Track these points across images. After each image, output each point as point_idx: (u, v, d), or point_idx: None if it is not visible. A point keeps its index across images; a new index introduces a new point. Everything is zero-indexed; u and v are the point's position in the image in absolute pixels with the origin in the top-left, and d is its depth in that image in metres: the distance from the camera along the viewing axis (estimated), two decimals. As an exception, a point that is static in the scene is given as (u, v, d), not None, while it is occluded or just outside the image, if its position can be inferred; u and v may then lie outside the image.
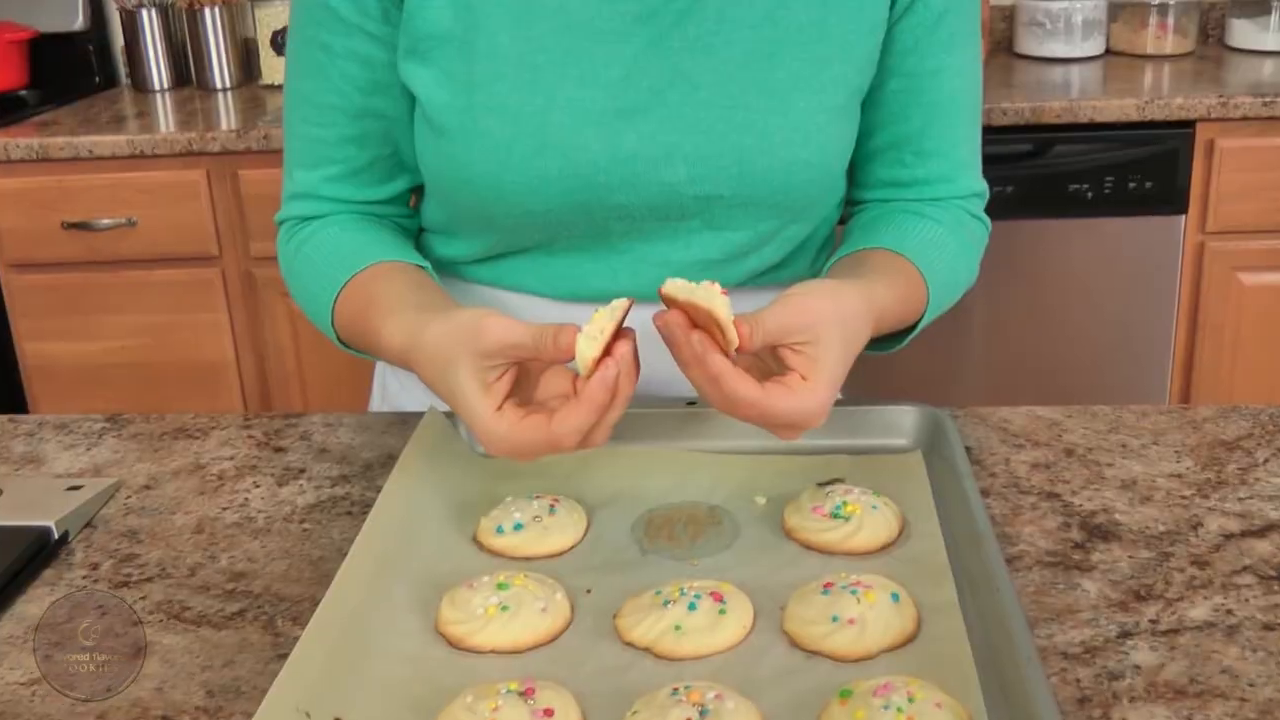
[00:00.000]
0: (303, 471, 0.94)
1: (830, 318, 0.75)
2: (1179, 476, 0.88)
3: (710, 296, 0.71)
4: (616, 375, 0.71)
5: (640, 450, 0.90)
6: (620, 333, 0.73)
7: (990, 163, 1.04)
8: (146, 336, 2.22)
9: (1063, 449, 0.93)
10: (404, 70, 0.91)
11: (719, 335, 0.72)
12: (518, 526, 0.81)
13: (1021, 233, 2.09)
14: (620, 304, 0.73)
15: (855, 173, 1.00)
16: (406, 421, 0.98)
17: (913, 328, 0.93)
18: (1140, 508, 0.84)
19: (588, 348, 0.71)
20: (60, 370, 2.26)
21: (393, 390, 1.09)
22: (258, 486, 0.92)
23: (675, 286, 0.73)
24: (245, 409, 2.27)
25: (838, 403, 0.95)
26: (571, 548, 0.82)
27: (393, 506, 0.83)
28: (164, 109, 2.42)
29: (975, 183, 1.00)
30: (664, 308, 0.74)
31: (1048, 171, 2.06)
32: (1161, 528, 0.82)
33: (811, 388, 0.73)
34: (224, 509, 0.90)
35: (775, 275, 1.00)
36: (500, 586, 0.74)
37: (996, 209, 2.17)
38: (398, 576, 0.77)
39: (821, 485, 0.87)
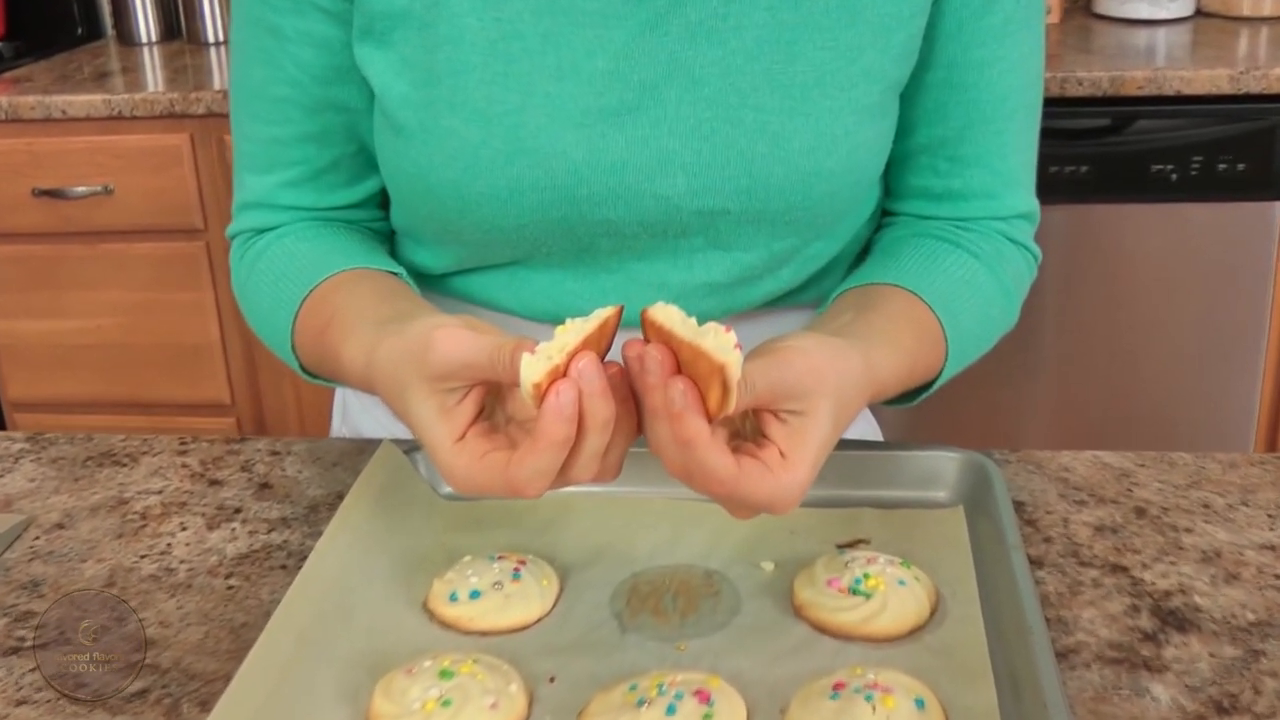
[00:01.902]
0: (238, 511, 0.86)
1: (828, 388, 0.65)
2: (1272, 549, 0.78)
3: (722, 349, 0.59)
4: (575, 400, 0.60)
5: (630, 497, 0.81)
6: (592, 346, 0.63)
7: (1063, 139, 0.93)
8: (124, 315, 2.17)
9: (1133, 508, 0.83)
10: (359, 54, 0.82)
11: (709, 391, 0.61)
12: (474, 595, 0.73)
13: (1095, 219, 2.00)
14: (601, 314, 0.63)
15: (889, 176, 0.91)
16: (365, 451, 0.90)
17: (923, 387, 0.84)
18: (1225, 589, 0.75)
19: (531, 370, 0.60)
20: (29, 351, 2.21)
21: (354, 412, 1.01)
22: (184, 529, 0.85)
23: (669, 316, 0.63)
24: (232, 396, 2.21)
25: (864, 446, 0.87)
26: (538, 620, 0.73)
27: (328, 564, 0.75)
28: (150, 64, 2.35)
29: (1023, 202, 0.89)
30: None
31: (1127, 150, 1.96)
32: (1251, 616, 0.72)
33: (791, 469, 0.63)
34: (142, 557, 0.82)
35: (797, 298, 0.91)
36: (444, 675, 0.66)
37: (1068, 191, 2.06)
38: (325, 656, 0.69)
39: (842, 549, 0.78)
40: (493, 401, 0.67)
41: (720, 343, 0.60)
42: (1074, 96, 1.91)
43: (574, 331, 0.62)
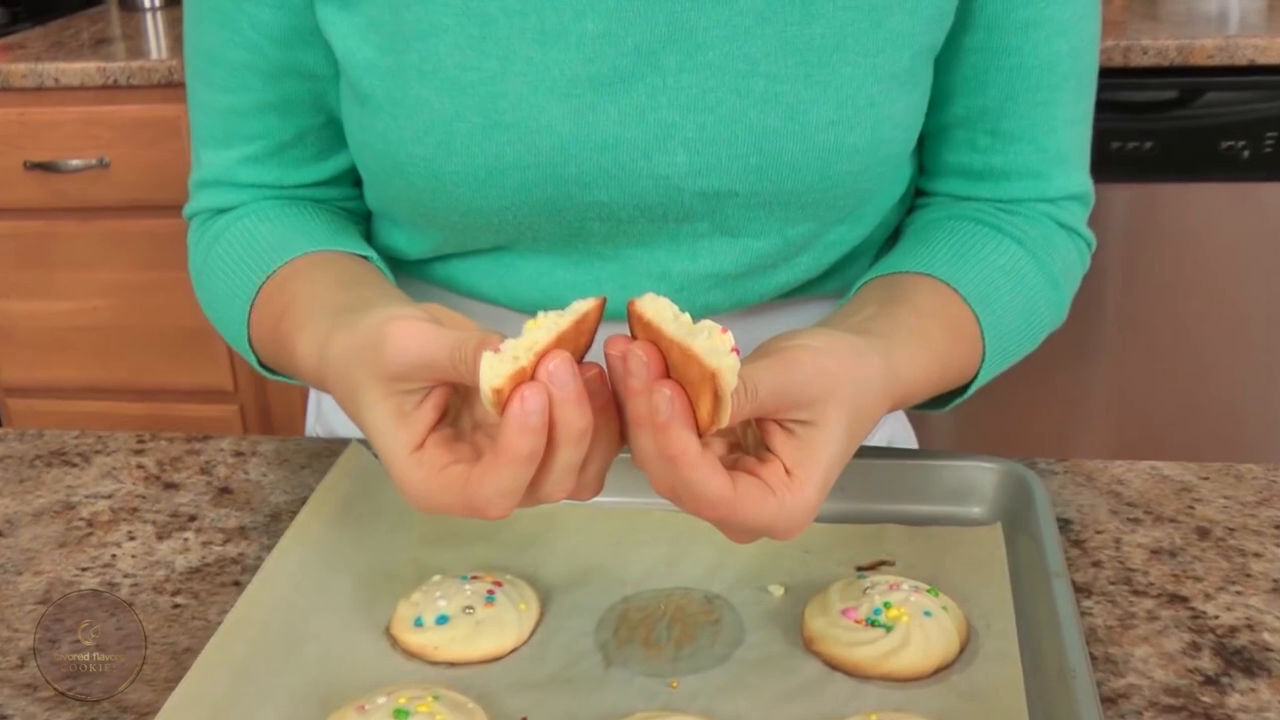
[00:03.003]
0: (193, 519, 0.81)
1: (842, 394, 0.58)
2: (1356, 578, 0.71)
3: (715, 353, 0.53)
4: (542, 408, 0.54)
5: (625, 509, 0.76)
6: (568, 345, 0.56)
7: (1125, 113, 0.87)
8: (121, 296, 2.13)
9: (1195, 528, 0.76)
10: (321, 15, 0.76)
11: (700, 400, 0.55)
12: (441, 620, 0.68)
13: (1159, 200, 1.93)
14: (579, 307, 0.56)
15: (922, 152, 0.84)
16: (337, 453, 0.85)
17: (957, 391, 0.78)
18: (1300, 625, 0.68)
19: (492, 371, 0.54)
20: (21, 333, 2.18)
21: (328, 409, 0.95)
22: (132, 539, 0.79)
23: (659, 309, 0.56)
24: (235, 382, 2.17)
25: (890, 454, 0.81)
26: (512, 650, 0.68)
27: (277, 584, 0.69)
28: (154, 30, 2.31)
29: (1074, 182, 0.82)
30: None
31: (1195, 125, 1.89)
32: (1330, 658, 0.65)
33: (796, 489, 0.57)
34: (84, 570, 0.77)
35: (817, 289, 0.85)
36: (398, 715, 0.60)
37: (1130, 170, 1.99)
38: (266, 691, 0.63)
39: (862, 571, 0.72)
40: (459, 404, 0.61)
41: (713, 345, 0.53)
42: (1138, 66, 1.84)
43: (546, 328, 0.56)
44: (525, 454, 0.54)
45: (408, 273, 0.86)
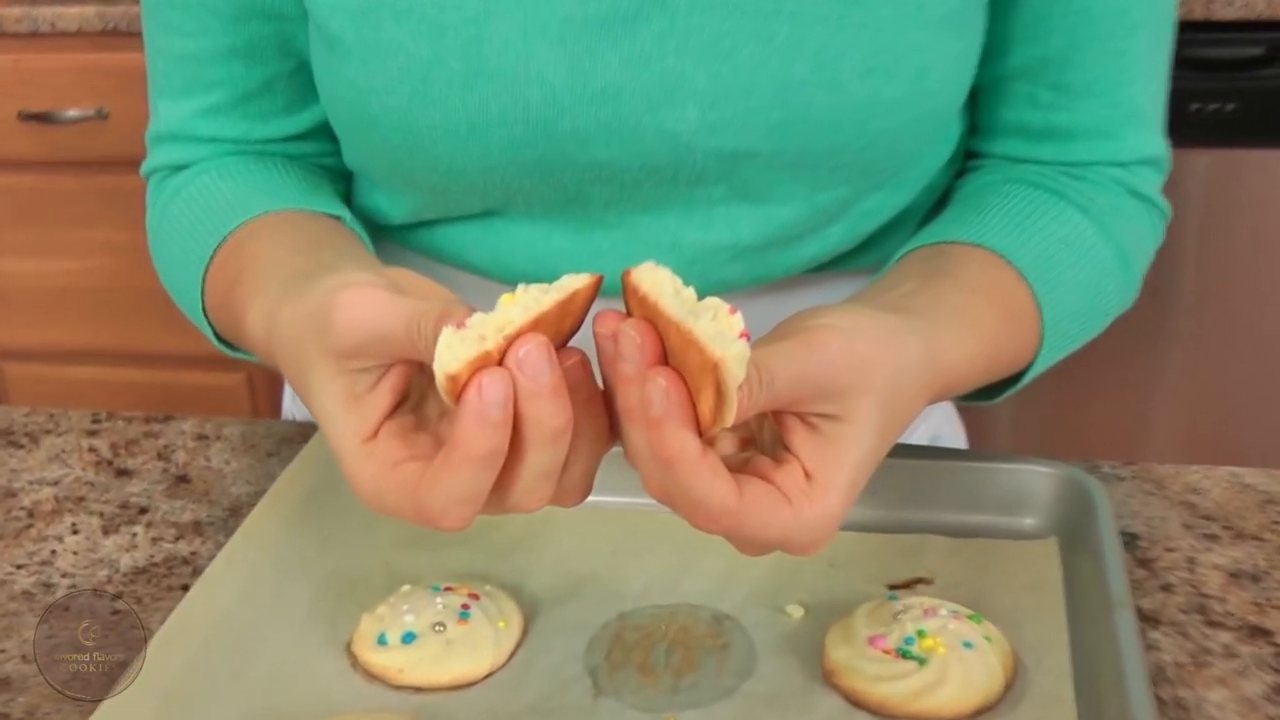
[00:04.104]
0: (143, 512, 0.75)
1: (874, 383, 0.52)
2: None
3: (719, 339, 0.47)
4: (504, 399, 0.48)
5: (626, 511, 0.70)
6: (548, 328, 0.50)
7: (1206, 71, 0.82)
8: (120, 256, 2.09)
9: (1282, 547, 0.69)
10: None
11: (702, 391, 0.48)
12: (407, 638, 0.62)
13: (1241, 167, 1.86)
14: (568, 284, 0.50)
15: (975, 108, 0.78)
16: (309, 438, 0.79)
17: (1010, 380, 0.72)
18: (1406, 667, 0.61)
19: (451, 352, 0.48)
20: (14, 294, 2.15)
21: (303, 388, 0.89)
22: (75, 532, 0.74)
23: (657, 282, 0.50)
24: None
25: (929, 454, 0.74)
26: (488, 675, 0.62)
27: (221, 592, 0.64)
28: (160, -28, 2.26)
29: (1148, 143, 0.76)
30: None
31: (1283, 85, 1.84)
32: None
33: (818, 496, 0.51)
34: (19, 567, 0.72)
35: (850, 263, 0.79)
36: (349, 752, 0.54)
37: (1210, 133, 1.92)
38: (202, 718, 0.58)
39: (894, 591, 0.66)
40: (423, 386, 0.55)
41: (718, 329, 0.47)
42: (1221, 20, 1.77)
43: (523, 305, 0.49)
44: (482, 454, 0.48)
45: (390, 239, 0.80)
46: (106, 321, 2.15)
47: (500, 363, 0.48)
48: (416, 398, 0.54)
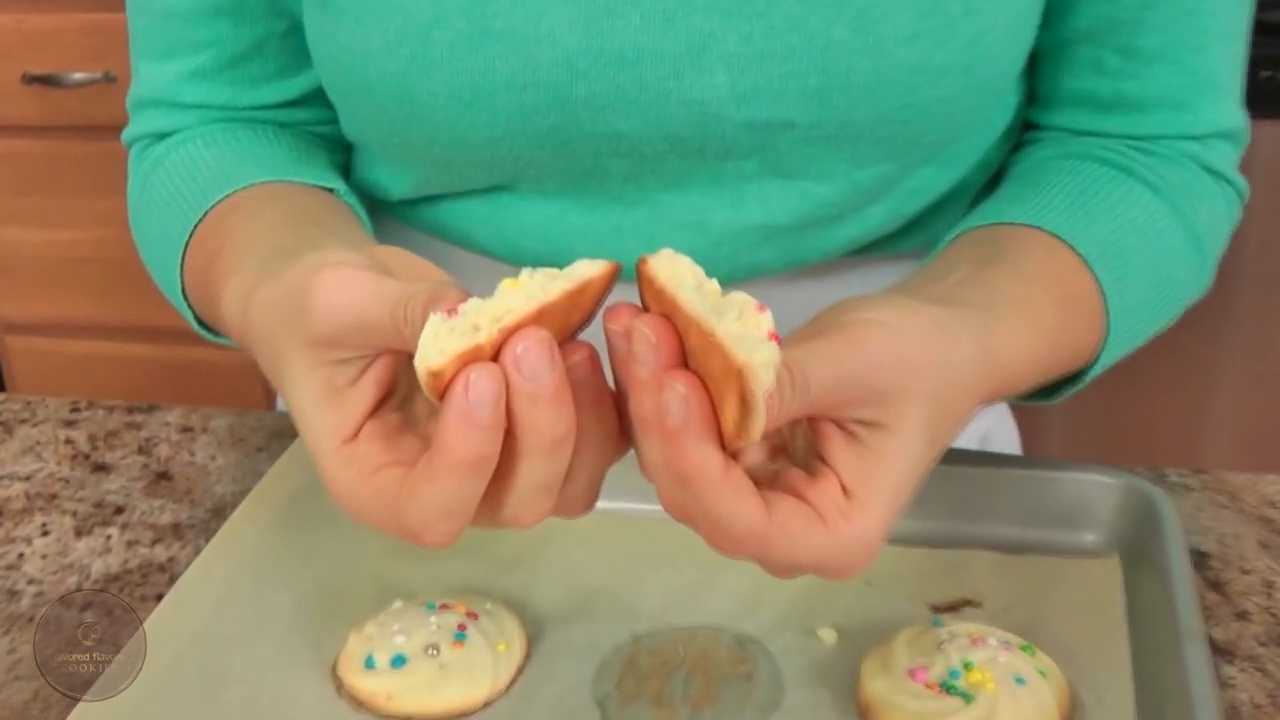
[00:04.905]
0: (119, 512, 0.72)
1: (922, 387, 0.48)
2: None
3: (747, 342, 0.42)
4: (494, 398, 0.43)
5: (644, 519, 0.65)
6: (553, 320, 0.46)
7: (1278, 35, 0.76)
8: (128, 226, 2.05)
9: (1372, 570, 0.64)
10: None
11: (726, 399, 0.44)
12: (397, 661, 0.58)
13: None
14: (581, 271, 0.46)
15: (1034, 75, 0.73)
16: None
17: (1070, 378, 0.67)
18: None
19: (436, 343, 0.44)
20: (18, 263, 2.13)
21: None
22: (45, 534, 0.70)
23: (676, 272, 0.45)
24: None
25: (979, 460, 0.70)
26: (485, 704, 0.58)
27: (199, 601, 0.61)
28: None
29: (1225, 116, 0.72)
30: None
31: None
32: None
33: (856, 516, 0.47)
34: (-18, 570, 0.68)
35: (894, 246, 0.74)
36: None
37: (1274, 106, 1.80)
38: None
39: (938, 615, 0.62)
40: (411, 381, 0.50)
41: (745, 331, 0.42)
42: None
43: (526, 293, 0.44)
44: (467, 461, 0.44)
45: (391, 215, 0.76)
46: (112, 294, 2.12)
47: (496, 358, 0.44)
48: (404, 394, 0.50)
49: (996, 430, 0.84)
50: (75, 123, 2.02)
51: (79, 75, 1.98)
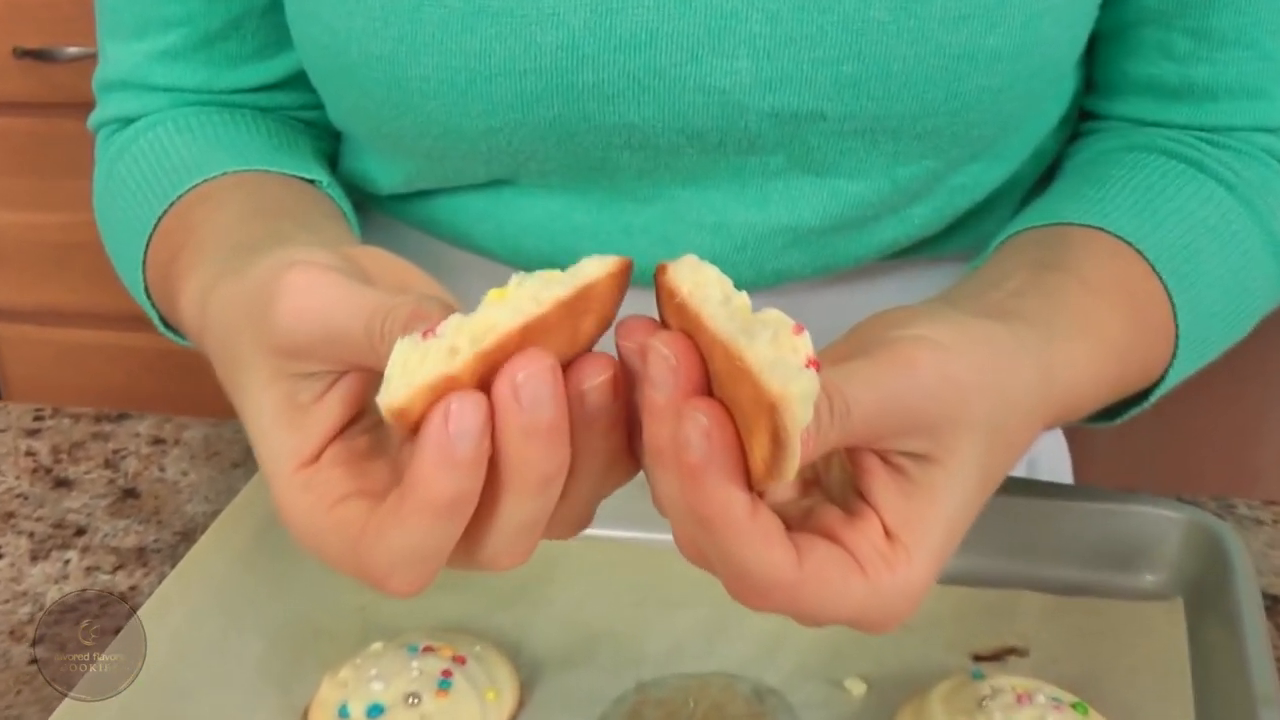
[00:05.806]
0: (80, 533, 0.69)
1: (978, 417, 0.44)
2: None
3: (781, 369, 0.37)
4: (477, 431, 0.39)
5: (654, 549, 0.62)
6: (546, 336, 0.41)
7: None
8: (122, 210, 2.05)
9: None
10: None
11: (755, 433, 0.39)
12: (374, 711, 0.54)
13: None
14: (584, 272, 0.41)
15: (1094, 61, 0.70)
16: (283, 445, 0.71)
17: (1142, 394, 0.64)
18: None
19: (404, 377, 0.39)
20: (8, 249, 2.12)
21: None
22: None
23: (701, 284, 0.41)
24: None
25: (1028, 489, 0.66)
26: (474, 762, 0.54)
27: (158, 639, 0.57)
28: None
29: None
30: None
31: None
32: None
33: (901, 562, 0.43)
34: (-72, 597, 0.64)
35: (937, 249, 0.71)
36: None
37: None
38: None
39: (979, 665, 0.59)
40: None
41: (779, 355, 0.37)
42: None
43: (514, 306, 0.40)
44: (443, 501, 0.40)
45: (381, 210, 0.73)
46: (109, 280, 2.08)
47: (486, 387, 0.39)
48: (376, 415, 0.46)
49: (1045, 451, 0.81)
50: (68, 99, 1.99)
51: (73, 49, 1.96)
